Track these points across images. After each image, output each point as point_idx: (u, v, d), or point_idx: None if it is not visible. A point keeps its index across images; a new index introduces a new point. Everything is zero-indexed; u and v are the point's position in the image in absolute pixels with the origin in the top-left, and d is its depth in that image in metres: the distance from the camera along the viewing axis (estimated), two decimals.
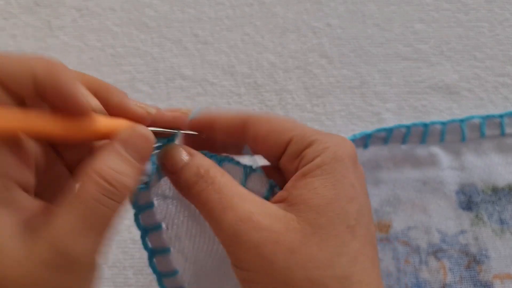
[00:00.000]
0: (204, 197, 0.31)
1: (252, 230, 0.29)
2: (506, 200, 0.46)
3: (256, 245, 0.29)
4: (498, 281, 0.44)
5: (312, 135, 0.33)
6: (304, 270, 0.29)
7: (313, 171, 0.31)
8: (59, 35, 0.57)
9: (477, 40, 0.55)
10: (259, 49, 0.56)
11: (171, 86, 0.55)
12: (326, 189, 0.31)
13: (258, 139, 0.34)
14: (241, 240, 0.29)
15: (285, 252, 0.29)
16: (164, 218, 0.36)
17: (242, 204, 0.30)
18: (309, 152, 0.32)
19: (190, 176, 0.32)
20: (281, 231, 0.30)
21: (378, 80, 0.54)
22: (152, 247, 0.36)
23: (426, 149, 0.48)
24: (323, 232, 0.30)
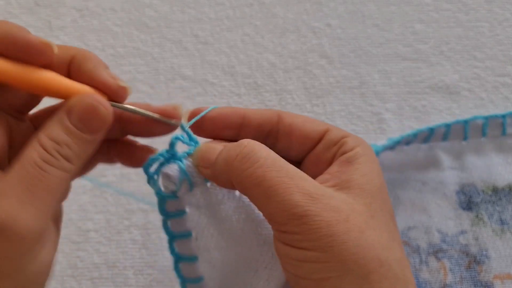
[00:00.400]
0: (259, 174, 0.30)
1: (324, 210, 0.29)
2: (506, 200, 0.46)
3: (329, 224, 0.29)
4: (499, 281, 0.44)
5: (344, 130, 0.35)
6: (373, 250, 0.29)
7: (359, 157, 0.33)
8: (59, 35, 0.57)
9: (477, 40, 0.55)
10: (259, 50, 0.56)
11: (171, 86, 0.55)
12: (374, 177, 0.32)
13: (294, 127, 0.35)
14: (312, 221, 0.29)
15: (357, 232, 0.29)
16: (195, 227, 0.35)
17: (305, 184, 0.30)
18: (349, 140, 0.34)
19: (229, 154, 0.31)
20: (349, 212, 0.30)
21: (378, 80, 0.54)
22: (179, 253, 0.36)
23: (428, 149, 0.48)
24: (378, 217, 0.31)
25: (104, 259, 0.48)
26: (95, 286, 0.47)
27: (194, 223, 0.35)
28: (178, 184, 0.33)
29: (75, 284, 0.47)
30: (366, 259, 0.29)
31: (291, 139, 0.35)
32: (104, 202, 0.50)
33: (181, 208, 0.35)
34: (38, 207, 0.27)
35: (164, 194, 0.34)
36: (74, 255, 0.48)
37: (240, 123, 0.35)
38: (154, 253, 0.48)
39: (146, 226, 0.49)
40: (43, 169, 0.28)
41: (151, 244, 0.49)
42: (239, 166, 0.30)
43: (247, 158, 0.30)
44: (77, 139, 0.29)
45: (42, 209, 0.28)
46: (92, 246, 0.48)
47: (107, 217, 0.49)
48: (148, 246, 0.49)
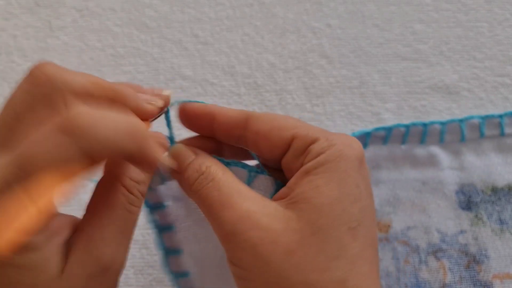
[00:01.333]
0: (204, 194, 0.31)
1: (250, 230, 0.29)
2: (505, 200, 0.46)
3: (253, 245, 0.29)
4: (498, 281, 0.44)
5: (316, 132, 0.32)
6: (300, 272, 0.28)
7: (317, 168, 0.30)
8: (59, 35, 0.57)
9: (477, 40, 0.55)
10: (259, 50, 0.56)
11: (171, 86, 0.55)
12: (329, 188, 0.30)
13: (260, 135, 0.33)
14: (239, 239, 0.29)
15: (282, 253, 0.28)
16: (176, 220, 0.37)
17: (241, 202, 0.30)
18: (314, 148, 0.31)
19: (192, 173, 0.32)
20: (280, 231, 0.29)
21: (378, 80, 0.54)
22: (166, 246, 0.37)
23: (426, 149, 0.48)
24: (322, 234, 0.29)
25: None
26: None
27: (174, 216, 0.37)
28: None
29: None
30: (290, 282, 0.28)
31: (259, 147, 0.34)
32: None
33: (160, 200, 0.36)
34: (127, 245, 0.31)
35: None
36: None
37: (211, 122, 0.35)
38: (154, 253, 0.48)
39: (147, 226, 0.49)
40: (130, 211, 0.31)
41: (151, 244, 0.49)
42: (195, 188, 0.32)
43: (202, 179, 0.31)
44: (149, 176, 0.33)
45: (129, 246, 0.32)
46: None
47: None
48: (149, 246, 0.49)
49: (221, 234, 0.30)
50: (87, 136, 0.26)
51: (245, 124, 0.34)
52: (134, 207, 0.31)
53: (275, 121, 0.33)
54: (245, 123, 0.34)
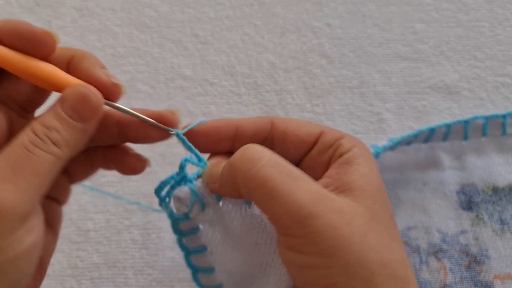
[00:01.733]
0: (262, 174, 0.29)
1: (329, 212, 0.29)
2: (506, 200, 0.46)
3: (333, 227, 0.28)
4: (499, 281, 0.44)
5: (339, 131, 0.34)
6: (377, 252, 0.29)
7: (357, 158, 0.32)
8: (59, 35, 0.56)
9: (477, 40, 0.55)
10: (259, 49, 0.56)
11: (171, 86, 0.55)
12: (373, 177, 0.32)
13: (288, 132, 0.34)
14: (317, 223, 0.28)
15: (360, 235, 0.29)
16: (209, 242, 0.36)
17: (310, 185, 0.30)
18: (345, 142, 0.33)
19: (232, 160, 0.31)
20: (352, 214, 0.29)
21: (378, 80, 0.54)
22: (196, 265, 0.37)
23: (428, 149, 0.48)
24: (378, 218, 0.30)
25: (104, 259, 0.48)
26: (95, 286, 0.47)
27: (208, 238, 0.35)
28: (189, 206, 0.33)
29: (75, 284, 0.47)
30: (370, 262, 0.28)
31: (286, 144, 0.34)
32: (104, 202, 0.50)
33: (194, 226, 0.35)
34: (21, 187, 0.28)
35: (176, 216, 0.34)
36: (74, 255, 0.48)
37: (234, 134, 0.35)
38: (154, 253, 0.48)
39: (146, 226, 0.49)
40: (29, 150, 0.28)
41: (151, 244, 0.49)
42: (242, 167, 0.30)
43: (249, 159, 0.30)
44: (67, 125, 0.30)
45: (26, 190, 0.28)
46: (92, 246, 0.48)
47: (107, 217, 0.49)
48: (148, 246, 0.49)
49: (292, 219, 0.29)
50: None
51: (271, 125, 0.35)
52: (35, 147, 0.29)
53: (299, 121, 0.35)
54: (271, 124, 0.35)
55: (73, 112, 0.30)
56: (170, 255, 0.48)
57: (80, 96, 0.30)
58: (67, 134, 0.30)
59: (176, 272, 0.47)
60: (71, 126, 0.30)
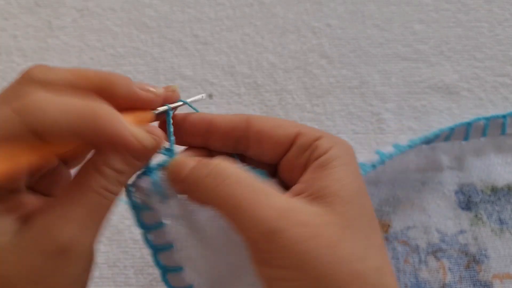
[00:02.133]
0: (225, 192, 0.30)
1: (293, 227, 0.28)
2: (505, 200, 0.46)
3: (297, 241, 0.28)
4: (498, 280, 0.44)
5: (317, 131, 0.33)
6: (347, 263, 0.28)
7: (333, 161, 0.31)
8: (59, 35, 0.57)
9: (477, 40, 0.55)
10: (259, 49, 0.56)
11: None
12: (350, 181, 0.31)
13: (263, 133, 0.33)
14: (280, 237, 0.28)
15: (327, 247, 0.28)
16: (176, 239, 0.35)
17: (275, 200, 0.29)
18: (321, 143, 0.32)
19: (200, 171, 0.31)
20: (319, 226, 0.29)
21: (378, 80, 0.54)
22: (164, 265, 0.36)
23: (427, 149, 0.48)
24: (353, 226, 0.30)
25: (105, 259, 0.48)
26: (95, 285, 0.47)
27: (173, 234, 0.35)
28: (150, 196, 0.33)
29: None
30: (340, 273, 0.28)
31: (262, 145, 0.34)
32: None
33: (158, 220, 0.35)
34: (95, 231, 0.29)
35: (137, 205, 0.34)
36: None
37: (207, 129, 0.35)
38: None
39: None
40: (104, 196, 0.29)
41: None
42: (209, 184, 0.30)
43: (216, 176, 0.30)
44: (134, 168, 0.31)
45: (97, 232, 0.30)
46: None
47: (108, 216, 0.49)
48: None
49: (258, 234, 0.29)
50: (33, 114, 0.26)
51: (246, 124, 0.34)
52: (108, 193, 0.30)
53: (276, 120, 0.34)
54: (246, 123, 0.34)
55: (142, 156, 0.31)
56: None
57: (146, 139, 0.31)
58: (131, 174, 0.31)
59: None
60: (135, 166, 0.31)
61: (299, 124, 0.34)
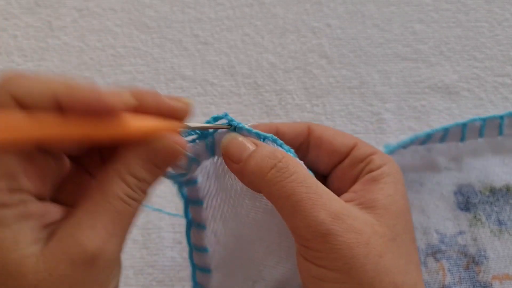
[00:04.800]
0: (289, 188, 0.30)
1: (347, 231, 0.30)
2: (503, 201, 0.46)
3: (350, 246, 0.29)
4: (497, 281, 0.44)
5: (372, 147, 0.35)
6: (390, 274, 0.30)
7: (385, 177, 0.33)
8: (59, 35, 0.57)
9: (477, 41, 0.55)
10: (259, 50, 0.56)
11: (171, 86, 0.55)
12: (399, 198, 0.33)
13: (323, 140, 0.36)
14: (334, 240, 0.29)
15: (375, 256, 0.30)
16: (205, 196, 0.37)
17: (333, 203, 0.31)
18: (376, 158, 0.34)
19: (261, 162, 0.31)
20: (370, 234, 0.30)
21: (378, 80, 0.54)
22: (192, 218, 0.38)
23: (424, 150, 0.48)
24: (399, 239, 0.31)
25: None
26: None
27: (204, 192, 0.36)
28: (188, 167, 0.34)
29: None
30: (382, 283, 0.30)
31: (320, 151, 0.35)
32: None
33: (192, 178, 0.36)
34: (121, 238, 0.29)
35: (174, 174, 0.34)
36: None
37: None
38: (154, 253, 0.49)
39: (147, 226, 0.49)
40: (127, 203, 0.29)
41: (151, 244, 0.49)
42: (272, 178, 0.31)
43: (281, 172, 0.31)
44: (155, 176, 0.31)
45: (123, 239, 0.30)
46: None
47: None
48: (148, 246, 0.49)
49: (309, 234, 0.30)
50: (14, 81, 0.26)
51: (308, 131, 0.36)
52: (131, 200, 0.30)
53: (336, 130, 0.36)
54: (309, 130, 0.36)
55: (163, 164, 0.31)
56: (170, 254, 0.48)
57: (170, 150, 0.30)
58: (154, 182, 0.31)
59: (176, 272, 0.47)
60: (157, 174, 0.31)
61: (355, 137, 0.36)
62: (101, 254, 0.28)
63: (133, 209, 0.30)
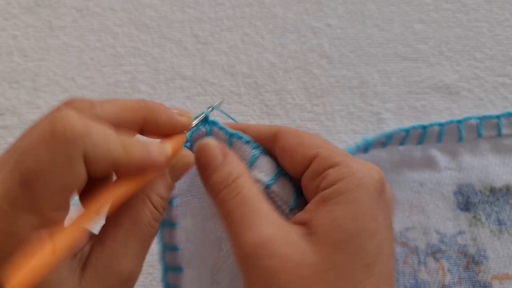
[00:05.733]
0: (228, 208, 0.31)
1: (269, 257, 0.29)
2: (503, 201, 0.46)
3: (270, 273, 0.29)
4: (497, 281, 0.44)
5: (338, 156, 0.32)
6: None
7: (335, 197, 0.30)
8: (59, 35, 0.58)
9: (477, 40, 0.55)
10: (259, 49, 0.56)
11: (171, 86, 0.55)
12: (347, 222, 0.30)
13: (286, 151, 0.34)
14: (257, 265, 0.29)
15: (298, 286, 0.28)
16: (178, 195, 0.37)
17: (263, 226, 0.30)
18: (332, 173, 0.31)
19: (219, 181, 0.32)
20: (298, 262, 0.29)
21: (378, 80, 0.54)
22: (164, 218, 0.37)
23: (423, 150, 0.48)
24: (337, 270, 0.29)
25: None
26: None
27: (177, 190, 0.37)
28: None
29: None
30: None
31: (284, 161, 0.34)
32: None
33: None
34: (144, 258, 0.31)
35: None
36: None
37: None
38: (154, 253, 0.48)
39: None
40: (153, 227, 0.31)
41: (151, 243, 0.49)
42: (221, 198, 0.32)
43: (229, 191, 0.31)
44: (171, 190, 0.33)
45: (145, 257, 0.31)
46: None
47: None
48: None
49: (239, 255, 0.30)
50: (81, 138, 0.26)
51: (273, 139, 0.35)
52: (157, 223, 0.31)
53: (302, 138, 0.34)
54: (274, 137, 0.35)
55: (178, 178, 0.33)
56: None
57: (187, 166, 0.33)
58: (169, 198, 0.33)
59: None
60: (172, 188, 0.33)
61: (324, 144, 0.33)
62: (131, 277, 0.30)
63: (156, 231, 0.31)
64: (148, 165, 0.29)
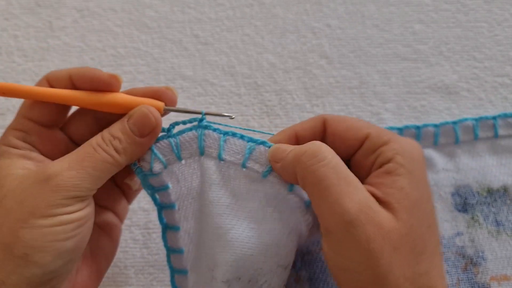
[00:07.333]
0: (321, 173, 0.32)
1: (368, 223, 0.31)
2: (501, 202, 0.46)
3: (368, 239, 0.31)
4: (495, 282, 0.44)
5: (387, 134, 0.36)
6: (401, 267, 0.31)
7: (397, 169, 0.34)
8: (60, 35, 0.58)
9: (476, 41, 0.55)
10: (259, 50, 0.56)
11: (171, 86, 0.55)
12: (412, 189, 0.33)
13: (337, 135, 0.37)
14: (355, 231, 0.31)
15: (391, 250, 0.31)
16: (177, 199, 0.39)
17: (359, 194, 0.32)
18: (387, 150, 0.35)
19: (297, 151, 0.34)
20: (388, 228, 0.31)
21: (378, 80, 0.54)
22: (166, 222, 0.40)
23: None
24: (413, 232, 0.32)
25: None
26: None
27: (176, 195, 0.39)
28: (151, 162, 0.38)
29: None
30: (394, 276, 0.31)
31: (335, 146, 0.36)
32: None
33: (163, 183, 0.39)
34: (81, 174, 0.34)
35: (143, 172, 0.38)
36: None
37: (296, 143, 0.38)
38: (155, 253, 0.49)
39: (147, 225, 0.49)
40: (95, 149, 0.35)
41: (152, 243, 0.49)
42: (306, 161, 0.33)
43: (314, 155, 0.33)
44: (128, 137, 0.36)
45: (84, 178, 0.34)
46: None
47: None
48: (149, 246, 0.49)
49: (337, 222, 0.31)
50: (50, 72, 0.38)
51: (322, 128, 0.38)
52: (99, 148, 0.35)
53: (350, 121, 0.37)
54: (323, 126, 0.38)
55: (135, 128, 0.36)
56: None
57: (142, 115, 0.36)
58: (127, 145, 0.36)
59: None
60: (131, 138, 0.36)
61: (371, 125, 0.37)
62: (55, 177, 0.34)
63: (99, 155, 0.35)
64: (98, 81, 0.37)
